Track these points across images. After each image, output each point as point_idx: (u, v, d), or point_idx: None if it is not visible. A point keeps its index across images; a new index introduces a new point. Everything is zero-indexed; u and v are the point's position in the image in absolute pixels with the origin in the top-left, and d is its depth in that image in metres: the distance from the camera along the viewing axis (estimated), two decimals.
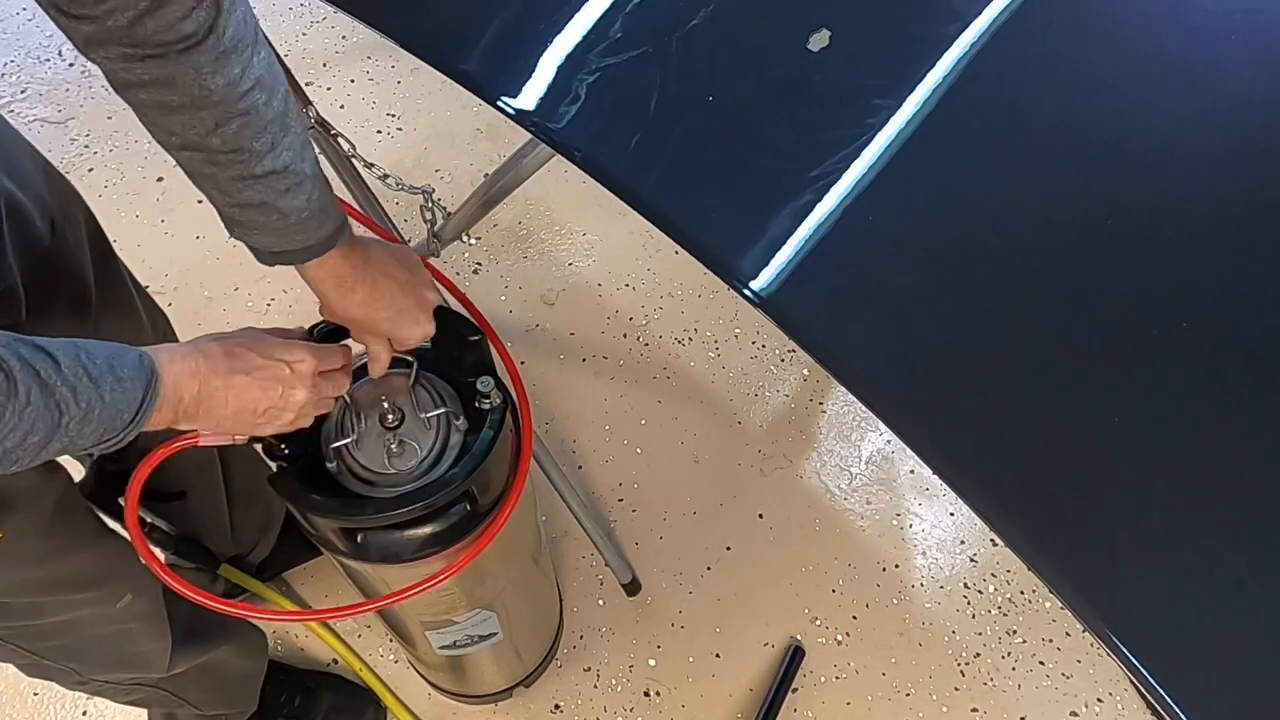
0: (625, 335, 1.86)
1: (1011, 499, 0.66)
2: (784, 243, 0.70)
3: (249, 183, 0.69)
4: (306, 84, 2.14)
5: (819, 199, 0.72)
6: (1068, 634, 1.56)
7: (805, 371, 1.83)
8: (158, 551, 1.32)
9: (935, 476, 0.66)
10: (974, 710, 1.50)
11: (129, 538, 0.82)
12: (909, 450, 0.67)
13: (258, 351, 0.72)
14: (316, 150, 0.81)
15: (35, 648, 0.90)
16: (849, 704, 1.50)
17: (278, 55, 1.09)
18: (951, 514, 1.68)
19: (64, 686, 1.00)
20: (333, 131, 1.15)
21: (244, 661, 1.27)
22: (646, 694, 1.50)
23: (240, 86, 0.63)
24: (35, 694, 1.47)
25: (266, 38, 0.67)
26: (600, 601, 1.58)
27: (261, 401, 0.72)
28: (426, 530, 0.84)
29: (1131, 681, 0.60)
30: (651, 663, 1.52)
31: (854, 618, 1.57)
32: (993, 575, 1.63)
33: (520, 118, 0.77)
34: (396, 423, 0.84)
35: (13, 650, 0.89)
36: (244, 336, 0.75)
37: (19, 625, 0.86)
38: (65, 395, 0.55)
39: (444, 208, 1.22)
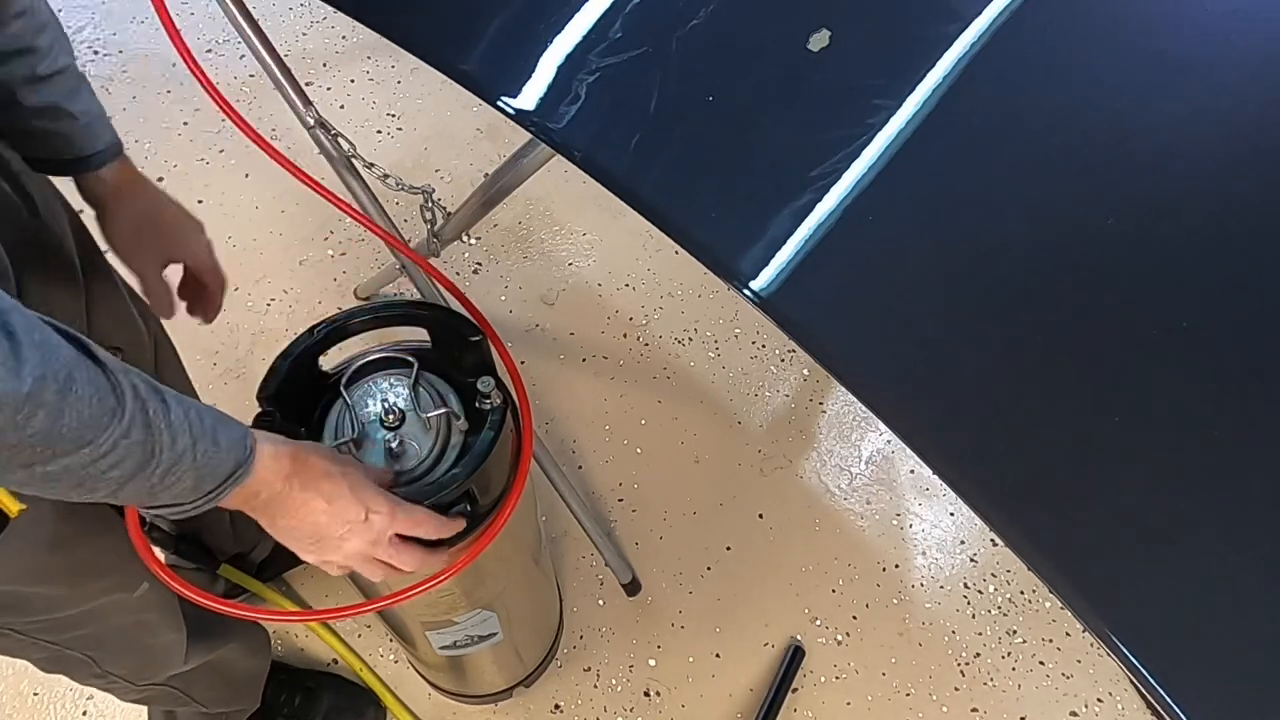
0: (625, 335, 1.86)
1: (1011, 499, 0.66)
2: (784, 243, 0.70)
3: (39, 86, 0.76)
4: (306, 84, 2.14)
5: (819, 199, 0.72)
6: (1068, 634, 1.56)
7: (805, 371, 1.84)
8: (157, 551, 1.32)
9: (935, 476, 0.66)
10: (974, 710, 1.50)
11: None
12: (909, 450, 0.67)
13: (349, 485, 0.72)
14: (314, 150, 0.82)
15: (58, 639, 0.91)
16: (849, 704, 1.50)
17: (278, 56, 1.09)
18: (951, 514, 1.68)
19: (78, 680, 1.00)
20: (333, 131, 1.15)
21: (249, 659, 1.27)
22: (646, 694, 1.50)
23: None
24: (35, 694, 1.47)
25: None
26: (600, 601, 1.58)
27: (321, 529, 0.71)
28: None
29: (1131, 681, 0.60)
30: (651, 663, 1.52)
31: (854, 618, 1.57)
32: (993, 575, 1.63)
33: (520, 118, 0.77)
34: (396, 423, 0.84)
35: (34, 644, 0.89)
36: (353, 466, 0.74)
37: (42, 619, 0.87)
38: (164, 441, 0.55)
39: (444, 208, 1.22)
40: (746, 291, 0.69)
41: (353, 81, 2.23)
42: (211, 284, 0.99)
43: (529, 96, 0.78)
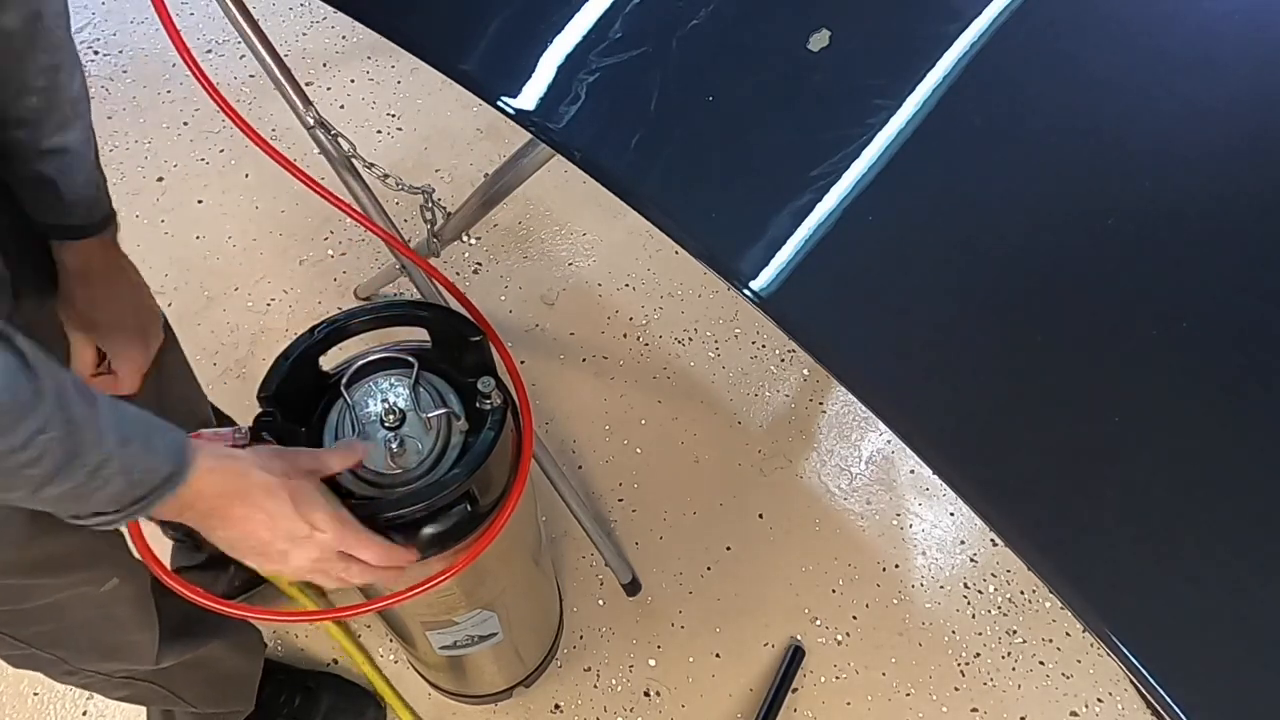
0: (625, 335, 1.86)
1: (1011, 499, 0.66)
2: (784, 243, 0.70)
3: (33, 158, 0.75)
4: (306, 84, 2.14)
5: (819, 199, 0.72)
6: (1068, 634, 1.56)
7: (805, 371, 1.84)
8: (164, 552, 1.32)
9: (935, 476, 0.66)
10: (974, 710, 1.50)
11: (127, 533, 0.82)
12: (909, 450, 0.67)
13: (295, 499, 0.70)
14: (314, 150, 0.81)
15: (22, 635, 0.90)
16: (849, 704, 1.50)
17: (278, 56, 1.09)
18: (951, 514, 1.68)
19: (53, 678, 0.99)
20: (333, 131, 1.15)
21: (238, 660, 1.27)
22: (646, 694, 1.50)
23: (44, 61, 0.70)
24: (35, 694, 1.47)
25: None
26: (600, 601, 1.58)
27: (263, 544, 0.70)
28: (427, 531, 0.84)
29: (1131, 681, 0.60)
30: (651, 663, 1.52)
31: (854, 618, 1.57)
32: (993, 575, 1.63)
33: (520, 118, 0.77)
34: (397, 423, 0.84)
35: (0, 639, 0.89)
36: (303, 477, 0.72)
37: (4, 610, 0.86)
38: (88, 440, 0.54)
39: (444, 208, 1.22)
40: (746, 291, 0.69)
41: (353, 81, 2.23)
42: (124, 381, 0.94)
43: (529, 96, 0.78)
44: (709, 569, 1.61)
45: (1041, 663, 1.54)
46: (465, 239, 1.46)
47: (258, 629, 1.32)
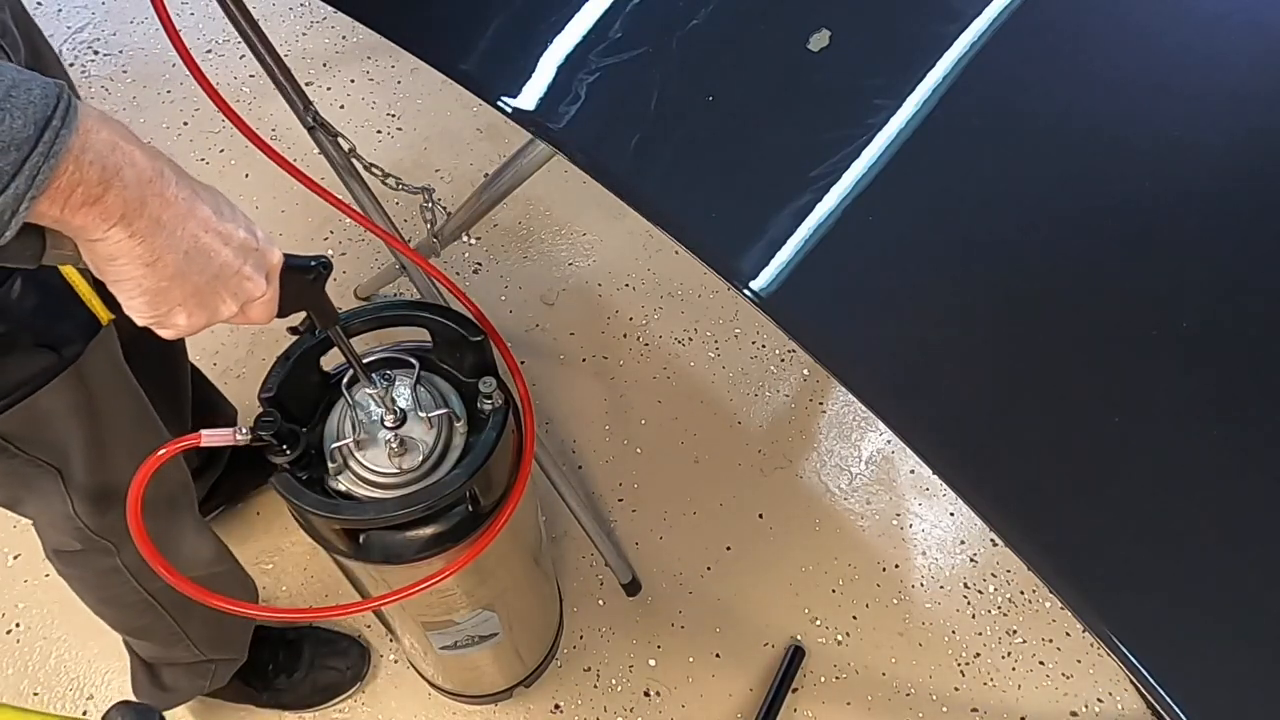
0: (625, 335, 1.86)
1: (1011, 499, 0.66)
2: (784, 243, 0.70)
3: None
4: (306, 84, 2.14)
5: (819, 199, 0.72)
6: (1068, 634, 1.56)
7: (805, 371, 1.84)
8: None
9: (935, 476, 0.66)
10: (974, 710, 1.50)
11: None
12: (909, 450, 0.67)
13: (229, 205, 0.57)
14: (314, 150, 0.81)
15: None
16: (849, 704, 1.50)
17: (278, 56, 1.08)
18: (951, 514, 1.68)
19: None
20: (333, 132, 1.15)
21: (240, 595, 1.30)
22: (646, 694, 1.50)
23: None
24: (35, 694, 1.47)
25: None
26: (600, 601, 1.58)
27: (221, 255, 0.55)
28: (428, 531, 0.85)
29: (1131, 681, 0.60)
30: (651, 663, 1.52)
31: (854, 618, 1.57)
32: (993, 575, 1.63)
33: (520, 118, 0.77)
34: (398, 423, 0.84)
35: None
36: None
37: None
38: None
39: (444, 208, 1.22)
40: (746, 291, 0.69)
41: (353, 81, 2.23)
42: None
43: (529, 96, 0.78)
44: (709, 569, 1.61)
45: (1041, 663, 1.54)
46: (465, 239, 1.47)
47: (253, 581, 1.35)
